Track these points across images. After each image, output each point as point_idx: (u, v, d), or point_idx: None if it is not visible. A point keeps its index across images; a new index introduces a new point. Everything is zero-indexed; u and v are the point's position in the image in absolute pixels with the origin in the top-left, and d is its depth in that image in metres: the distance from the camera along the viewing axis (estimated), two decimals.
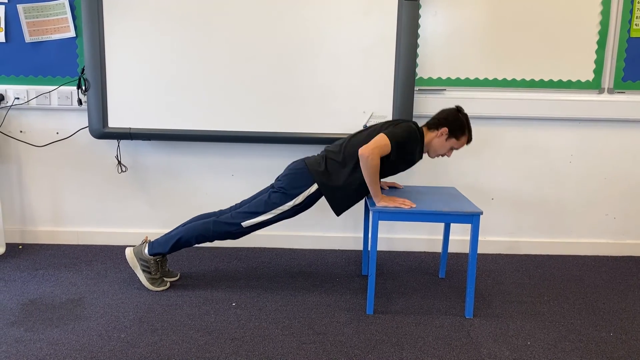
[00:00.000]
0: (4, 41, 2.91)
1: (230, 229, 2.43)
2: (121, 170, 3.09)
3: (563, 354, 2.06)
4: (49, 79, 2.96)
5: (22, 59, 2.93)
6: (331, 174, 2.37)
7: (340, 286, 2.64)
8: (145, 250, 2.50)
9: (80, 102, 2.96)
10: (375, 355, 2.02)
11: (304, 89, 2.83)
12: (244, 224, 2.42)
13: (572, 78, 2.96)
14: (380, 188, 2.57)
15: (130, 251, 2.52)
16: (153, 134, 2.87)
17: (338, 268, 2.88)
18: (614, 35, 2.91)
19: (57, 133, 3.05)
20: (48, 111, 3.02)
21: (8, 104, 2.97)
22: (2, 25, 2.89)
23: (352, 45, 2.80)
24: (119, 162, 3.07)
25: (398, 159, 2.35)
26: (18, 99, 2.96)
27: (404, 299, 2.52)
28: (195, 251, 3.07)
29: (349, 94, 2.83)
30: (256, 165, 3.09)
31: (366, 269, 2.83)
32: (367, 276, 2.74)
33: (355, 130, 2.67)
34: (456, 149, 2.46)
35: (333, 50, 2.80)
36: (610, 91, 2.98)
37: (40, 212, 3.15)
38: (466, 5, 2.88)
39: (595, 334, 2.23)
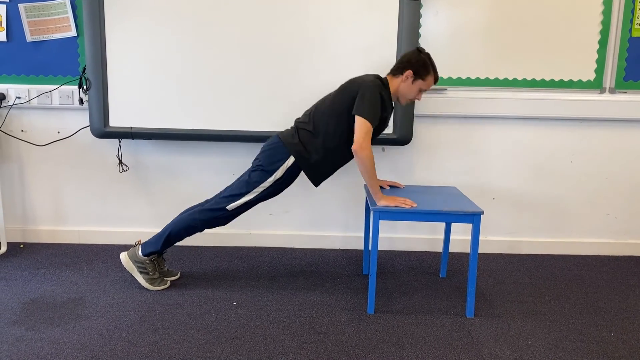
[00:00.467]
0: (5, 40, 2.91)
1: (216, 214, 2.44)
2: (122, 170, 3.09)
3: (564, 354, 2.06)
4: (50, 78, 2.96)
5: (24, 58, 2.93)
6: (305, 145, 2.39)
7: (341, 286, 2.64)
8: (139, 252, 2.50)
9: (81, 102, 2.96)
10: (376, 354, 2.02)
11: (306, 88, 2.83)
12: (229, 207, 2.43)
13: (574, 78, 2.96)
14: (381, 187, 2.58)
15: (124, 255, 2.52)
16: (154, 133, 2.87)
17: (339, 267, 2.88)
18: (615, 35, 2.91)
19: (58, 132, 3.05)
20: (49, 110, 3.02)
21: (9, 103, 2.98)
22: (4, 24, 2.89)
23: (354, 45, 2.80)
24: (120, 162, 3.07)
25: (378, 126, 2.39)
26: (19, 98, 2.97)
27: (405, 298, 2.52)
28: (195, 250, 3.07)
29: None
30: None
31: (367, 268, 2.83)
32: (368, 276, 2.74)
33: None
34: (425, 90, 2.44)
35: (334, 49, 2.80)
36: (612, 91, 2.97)
37: (41, 211, 3.16)
38: (467, 4, 2.88)
39: (596, 333, 2.23)
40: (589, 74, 2.95)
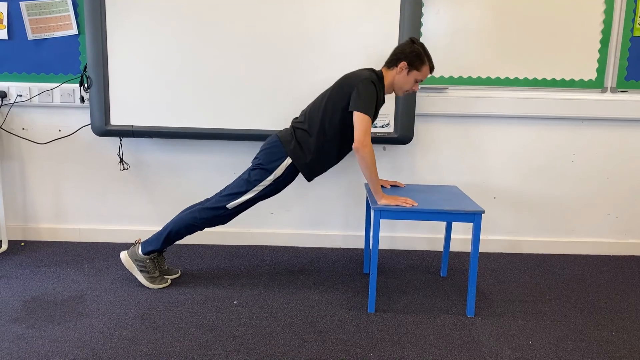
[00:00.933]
0: (7, 38, 2.91)
1: (216, 213, 2.45)
2: (123, 168, 3.09)
3: (565, 353, 2.06)
4: (51, 77, 2.96)
5: (25, 56, 2.93)
6: (301, 144, 2.40)
7: (342, 284, 2.65)
8: (139, 251, 2.50)
9: (82, 100, 2.96)
10: (376, 353, 2.02)
11: (307, 86, 2.83)
12: (229, 205, 2.43)
13: (575, 77, 2.95)
14: (382, 187, 2.58)
15: (124, 254, 2.53)
16: (155, 131, 2.87)
17: (339, 266, 2.88)
18: (617, 35, 2.90)
19: (60, 130, 3.05)
20: (50, 109, 3.02)
21: (10, 101, 2.98)
22: (5, 22, 2.89)
23: (355, 44, 2.79)
24: (121, 160, 3.07)
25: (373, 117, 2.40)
26: (20, 96, 2.97)
27: (406, 297, 2.52)
28: (196, 249, 3.08)
29: None
30: None
31: (367, 267, 2.83)
32: (369, 274, 2.74)
33: None
34: (421, 81, 2.43)
35: (335, 48, 2.80)
36: (613, 90, 2.97)
37: (42, 210, 3.16)
38: (469, 3, 2.87)
39: (596, 333, 2.22)
40: (590, 74, 2.95)
